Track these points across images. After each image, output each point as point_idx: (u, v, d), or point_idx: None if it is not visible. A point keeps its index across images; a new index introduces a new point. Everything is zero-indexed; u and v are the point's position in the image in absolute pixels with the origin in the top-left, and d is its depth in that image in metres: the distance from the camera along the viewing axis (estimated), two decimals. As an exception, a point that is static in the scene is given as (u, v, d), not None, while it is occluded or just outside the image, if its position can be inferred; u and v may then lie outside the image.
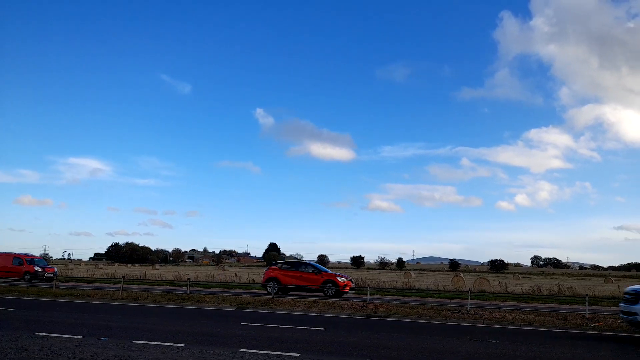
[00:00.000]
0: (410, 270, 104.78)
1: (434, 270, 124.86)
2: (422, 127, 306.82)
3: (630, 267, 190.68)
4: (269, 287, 27.08)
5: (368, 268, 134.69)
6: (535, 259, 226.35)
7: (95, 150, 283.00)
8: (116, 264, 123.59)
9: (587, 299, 20.64)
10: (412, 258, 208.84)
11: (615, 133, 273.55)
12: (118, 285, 25.64)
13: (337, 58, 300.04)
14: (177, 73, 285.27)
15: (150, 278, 38.35)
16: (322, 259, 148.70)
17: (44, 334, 11.45)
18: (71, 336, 11.21)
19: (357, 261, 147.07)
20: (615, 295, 29.06)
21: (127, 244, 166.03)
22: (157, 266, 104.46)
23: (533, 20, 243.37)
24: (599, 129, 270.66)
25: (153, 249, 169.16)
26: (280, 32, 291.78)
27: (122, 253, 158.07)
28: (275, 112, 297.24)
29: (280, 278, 27.51)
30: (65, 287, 27.14)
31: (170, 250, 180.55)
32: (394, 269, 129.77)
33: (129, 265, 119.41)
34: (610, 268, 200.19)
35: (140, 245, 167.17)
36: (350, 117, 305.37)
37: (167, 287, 30.09)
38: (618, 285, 48.27)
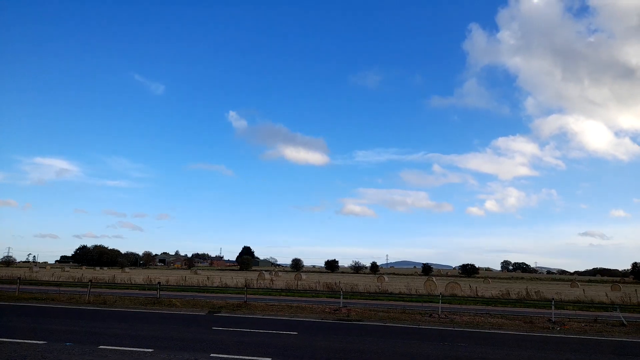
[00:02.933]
0: (383, 274, 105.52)
1: (407, 275, 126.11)
2: (395, 133, 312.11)
3: (595, 272, 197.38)
4: None
5: (342, 272, 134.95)
6: (505, 264, 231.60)
7: (62, 150, 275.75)
8: (84, 267, 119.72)
9: (553, 303, 21.21)
10: (385, 262, 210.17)
11: (578, 142, 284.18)
12: (85, 289, 24.91)
13: (310, 63, 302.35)
14: (151, 73, 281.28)
15: (119, 282, 37.40)
16: (297, 263, 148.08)
17: (4, 339, 10.99)
18: (34, 342, 10.80)
19: (332, 265, 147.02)
20: (580, 300, 29.98)
21: (96, 246, 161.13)
22: (127, 269, 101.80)
23: (500, 33, 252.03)
24: (563, 138, 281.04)
25: (123, 252, 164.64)
26: (254, 37, 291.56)
27: (90, 256, 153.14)
28: (248, 115, 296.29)
29: None
30: (29, 291, 26.17)
31: (140, 253, 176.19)
32: (367, 273, 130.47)
33: (97, 268, 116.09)
34: (577, 273, 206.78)
35: (109, 248, 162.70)
36: (324, 122, 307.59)
37: (137, 291, 29.41)
38: (583, 290, 49.81)
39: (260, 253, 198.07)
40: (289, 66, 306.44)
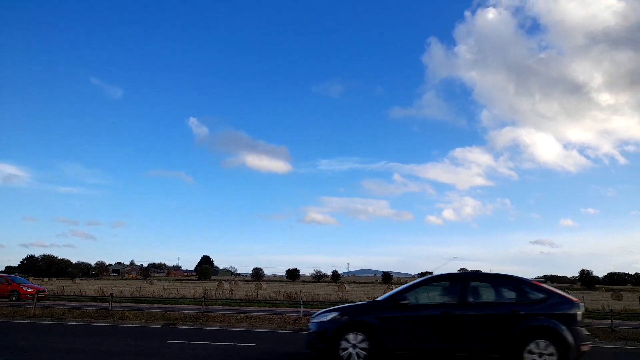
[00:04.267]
0: (344, 282, 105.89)
1: (368, 283, 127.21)
2: (357, 143, 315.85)
3: (546, 279, 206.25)
4: None
5: (303, 281, 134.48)
6: (462, 271, 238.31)
7: (11, 154, 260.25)
8: (31, 278, 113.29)
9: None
10: (347, 270, 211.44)
11: (530, 154, 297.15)
12: (31, 302, 23.57)
13: (272, 71, 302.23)
14: (108, 76, 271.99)
15: (68, 293, 35.64)
16: (257, 272, 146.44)
17: (-64, 358, 10.19)
18: (-31, 360, 10.07)
19: (293, 274, 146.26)
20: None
21: (44, 256, 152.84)
22: (78, 280, 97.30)
23: (457, 47, 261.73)
24: (516, 150, 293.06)
25: (74, 262, 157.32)
26: (216, 41, 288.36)
27: (39, 266, 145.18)
28: (209, 121, 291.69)
29: None
30: (-32, 305, 24.45)
31: (93, 263, 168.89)
32: (329, 282, 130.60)
33: (46, 279, 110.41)
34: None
35: (59, 257, 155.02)
36: (286, 130, 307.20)
37: (88, 303, 28.13)
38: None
39: (220, 262, 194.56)
40: (251, 74, 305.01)
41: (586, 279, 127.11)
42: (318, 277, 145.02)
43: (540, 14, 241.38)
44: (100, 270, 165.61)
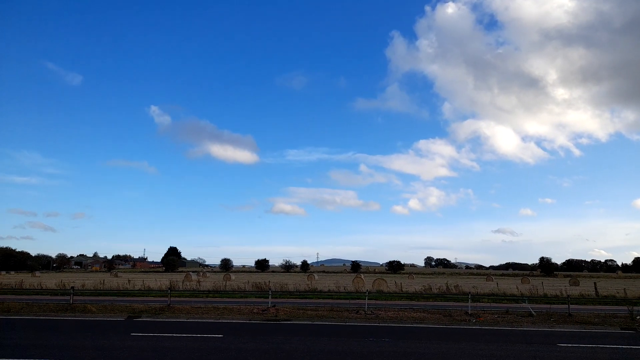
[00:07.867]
0: (314, 272, 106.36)
1: (337, 272, 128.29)
2: (325, 133, 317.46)
3: (507, 266, 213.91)
4: None
5: (273, 271, 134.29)
6: (428, 260, 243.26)
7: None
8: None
9: (470, 296, 22.50)
10: (316, 260, 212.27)
11: (490, 146, 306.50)
12: (-14, 297, 22.55)
13: (235, 60, 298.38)
14: (67, 62, 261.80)
15: (27, 287, 34.29)
16: (226, 263, 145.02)
17: None
18: None
19: (262, 265, 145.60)
20: (494, 292, 32.16)
21: (1, 249, 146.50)
22: (38, 273, 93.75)
23: (418, 41, 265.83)
24: (477, 141, 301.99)
25: (33, 255, 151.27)
26: (179, 29, 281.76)
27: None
28: (172, 110, 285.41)
29: None
30: None
31: (53, 255, 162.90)
32: (298, 272, 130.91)
33: (3, 272, 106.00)
34: (491, 267, 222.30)
35: (17, 250, 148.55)
36: (252, 120, 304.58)
37: (48, 297, 27.13)
38: (497, 283, 53.55)
39: (188, 254, 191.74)
40: (214, 63, 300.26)
41: (545, 266, 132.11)
42: (287, 267, 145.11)
43: (498, 11, 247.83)
44: (62, 262, 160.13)
